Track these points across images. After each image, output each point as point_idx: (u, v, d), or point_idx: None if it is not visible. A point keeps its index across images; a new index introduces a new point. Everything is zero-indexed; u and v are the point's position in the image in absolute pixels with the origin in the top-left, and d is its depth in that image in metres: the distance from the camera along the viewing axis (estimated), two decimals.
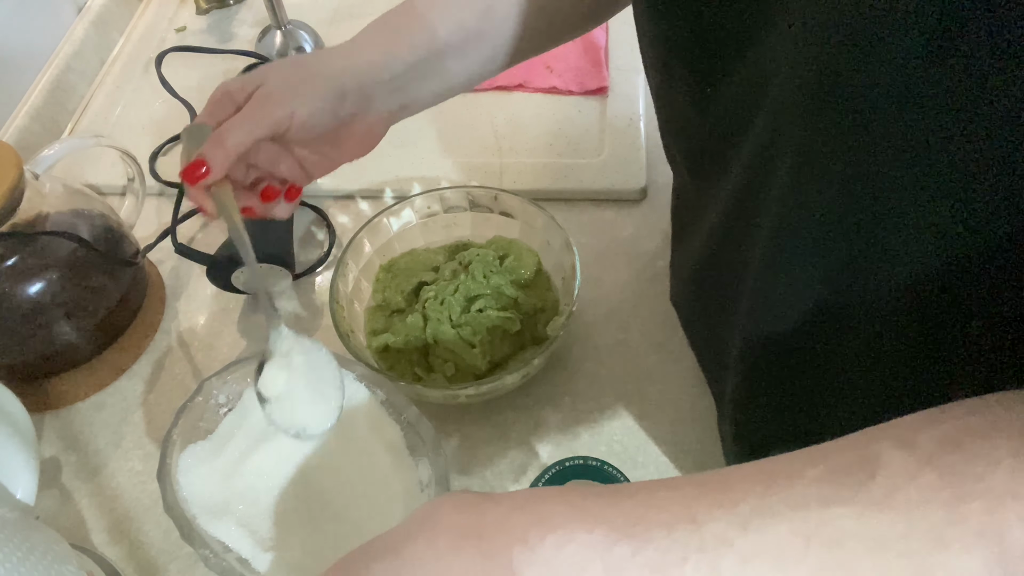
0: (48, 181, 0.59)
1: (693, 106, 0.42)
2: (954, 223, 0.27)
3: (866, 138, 0.28)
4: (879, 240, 0.30)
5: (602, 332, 0.61)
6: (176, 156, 0.78)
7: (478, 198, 0.62)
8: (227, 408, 0.50)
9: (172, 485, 0.46)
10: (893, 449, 0.26)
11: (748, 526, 0.26)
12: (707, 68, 0.39)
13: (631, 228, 0.67)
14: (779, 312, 0.37)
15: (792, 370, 0.40)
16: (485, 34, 0.50)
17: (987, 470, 0.24)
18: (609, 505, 0.28)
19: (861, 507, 0.25)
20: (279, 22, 0.83)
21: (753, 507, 0.26)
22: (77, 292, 0.59)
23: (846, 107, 0.28)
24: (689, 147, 0.47)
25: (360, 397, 0.50)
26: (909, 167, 0.27)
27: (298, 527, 0.47)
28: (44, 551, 0.40)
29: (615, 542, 0.27)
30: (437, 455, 0.47)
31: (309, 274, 0.67)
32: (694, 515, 0.27)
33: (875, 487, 0.25)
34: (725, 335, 0.45)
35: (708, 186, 0.44)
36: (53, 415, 0.61)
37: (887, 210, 0.29)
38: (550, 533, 0.27)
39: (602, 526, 0.27)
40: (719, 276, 0.45)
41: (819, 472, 0.26)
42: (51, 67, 0.84)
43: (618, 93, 0.77)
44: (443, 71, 0.50)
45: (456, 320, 0.56)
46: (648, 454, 0.54)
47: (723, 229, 0.42)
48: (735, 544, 0.26)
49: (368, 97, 0.49)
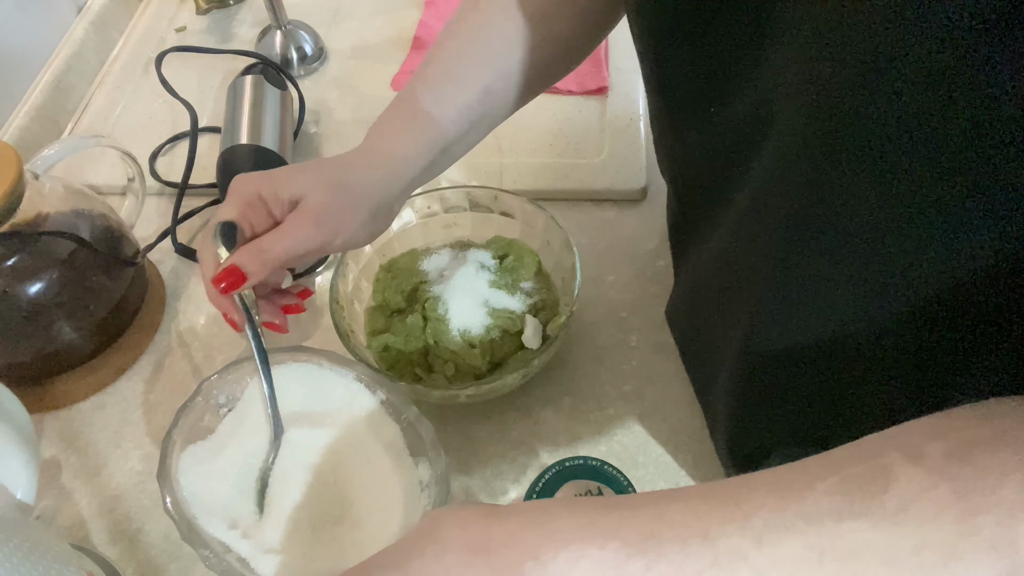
0: (48, 181, 0.59)
1: (691, 132, 0.42)
2: (967, 244, 0.27)
3: (874, 164, 0.28)
4: (886, 264, 0.30)
5: (602, 332, 0.61)
6: (175, 156, 0.78)
7: (478, 198, 0.62)
8: (227, 408, 0.50)
9: (172, 485, 0.46)
10: (904, 461, 0.26)
11: (762, 540, 0.26)
12: (707, 94, 0.38)
13: (631, 228, 0.67)
14: (781, 330, 0.37)
15: (790, 385, 0.39)
16: (487, 115, 0.51)
17: (998, 483, 0.24)
18: (620, 520, 0.28)
19: (874, 521, 0.25)
20: (279, 22, 0.83)
21: (766, 521, 0.26)
22: (77, 292, 0.58)
23: (853, 132, 0.28)
24: (684, 174, 0.47)
25: (360, 397, 0.50)
26: (920, 188, 0.27)
27: (298, 527, 0.47)
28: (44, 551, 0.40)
29: (628, 557, 0.27)
30: (437, 455, 0.47)
31: (309, 274, 0.67)
32: (707, 530, 0.27)
33: (888, 501, 0.25)
34: (719, 352, 0.45)
35: (704, 212, 0.44)
36: (53, 415, 0.61)
37: (896, 233, 0.29)
38: (563, 549, 0.27)
39: (614, 541, 0.27)
40: (716, 296, 0.45)
41: (831, 484, 0.26)
42: (51, 67, 0.84)
43: (618, 93, 0.77)
44: (449, 158, 0.52)
45: None
46: (648, 454, 0.54)
47: (722, 254, 0.42)
48: (749, 558, 0.26)
49: (392, 209, 0.51)
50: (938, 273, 0.28)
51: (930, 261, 0.28)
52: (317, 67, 0.85)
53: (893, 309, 0.31)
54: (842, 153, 0.29)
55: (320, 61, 0.86)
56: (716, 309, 0.46)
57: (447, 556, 0.28)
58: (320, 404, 0.50)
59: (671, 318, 0.58)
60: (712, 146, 0.40)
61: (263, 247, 0.45)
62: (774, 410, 0.42)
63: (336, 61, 0.86)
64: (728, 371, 0.44)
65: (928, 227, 0.28)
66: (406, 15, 0.90)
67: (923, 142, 0.26)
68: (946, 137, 0.25)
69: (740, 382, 0.43)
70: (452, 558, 0.28)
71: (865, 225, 0.29)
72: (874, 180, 0.28)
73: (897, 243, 0.29)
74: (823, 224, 0.31)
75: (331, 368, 0.50)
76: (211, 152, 0.74)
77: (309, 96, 0.80)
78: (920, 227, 0.28)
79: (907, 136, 0.26)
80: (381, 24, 0.90)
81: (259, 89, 0.73)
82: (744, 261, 0.39)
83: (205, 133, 0.78)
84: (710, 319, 0.48)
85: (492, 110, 0.51)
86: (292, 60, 0.84)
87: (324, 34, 0.87)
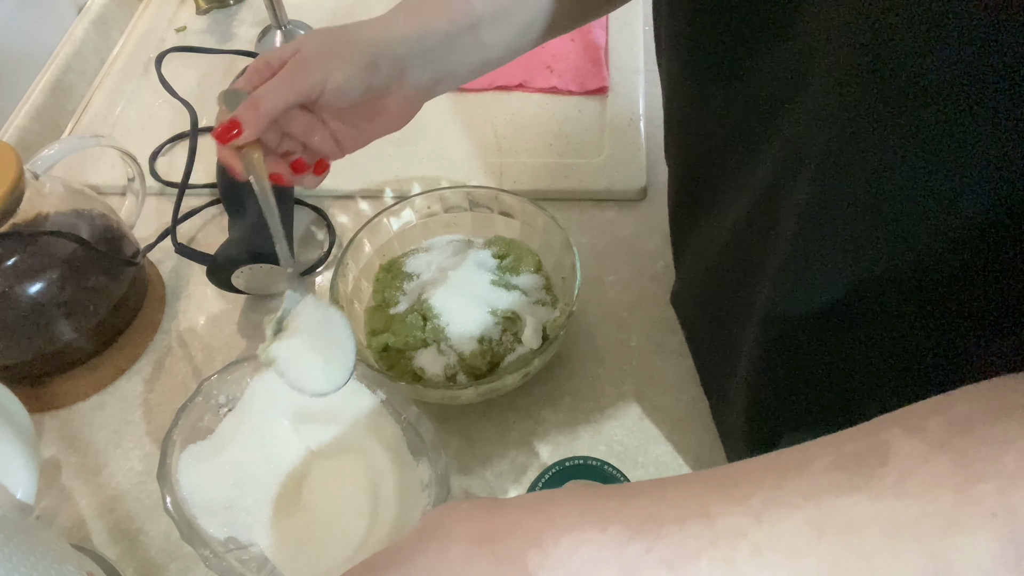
0: (48, 181, 0.59)
1: (716, 101, 0.41)
2: (994, 210, 0.27)
3: (912, 123, 0.27)
4: (913, 230, 0.30)
5: (602, 332, 0.61)
6: (175, 156, 0.78)
7: (478, 198, 0.62)
8: (227, 408, 0.50)
9: (172, 485, 0.46)
10: (903, 435, 0.26)
11: (761, 517, 0.26)
12: (741, 49, 0.37)
13: (631, 228, 0.67)
14: (803, 304, 0.37)
15: (814, 359, 0.39)
16: (520, 9, 0.50)
17: (998, 452, 0.24)
18: (621, 504, 0.28)
19: (874, 494, 0.25)
20: (279, 22, 0.83)
21: (765, 499, 0.26)
22: (77, 292, 0.58)
23: (895, 88, 0.27)
24: (699, 152, 0.46)
25: (360, 397, 0.50)
26: (951, 151, 0.27)
27: (298, 527, 0.47)
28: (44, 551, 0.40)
29: (629, 540, 0.27)
30: (437, 455, 0.47)
31: (309, 274, 0.67)
32: (706, 509, 0.27)
33: (887, 473, 0.25)
34: (735, 332, 0.44)
35: (720, 189, 0.44)
36: (53, 415, 0.61)
37: (923, 197, 0.29)
38: (564, 535, 0.27)
39: (615, 525, 0.27)
40: (731, 273, 0.45)
41: (829, 461, 0.26)
42: (51, 67, 0.84)
43: (618, 93, 0.77)
44: (478, 44, 0.50)
45: None
46: (648, 454, 0.54)
47: (741, 226, 0.41)
48: (749, 535, 0.26)
49: (402, 69, 0.49)
50: (976, 227, 0.28)
51: (966, 215, 0.28)
52: None
53: (921, 267, 0.30)
54: (889, 103, 0.28)
55: None
56: (730, 290, 0.45)
57: (451, 549, 0.28)
58: (320, 404, 0.50)
59: (677, 304, 0.57)
60: (738, 112, 0.39)
61: (255, 96, 0.46)
62: (798, 389, 0.41)
63: None
64: (744, 352, 0.43)
65: (970, 177, 0.27)
66: None
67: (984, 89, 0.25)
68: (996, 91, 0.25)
69: (759, 361, 0.42)
70: (456, 550, 0.28)
71: (900, 177, 0.29)
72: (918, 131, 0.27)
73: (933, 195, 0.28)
74: (854, 180, 0.31)
75: None
76: (211, 152, 0.74)
77: None
78: (960, 177, 0.27)
79: (967, 83, 0.25)
80: None
81: None
82: (765, 234, 0.38)
83: (205, 133, 0.78)
84: (722, 301, 0.47)
85: (526, 5, 0.50)
86: None
87: None
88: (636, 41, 0.82)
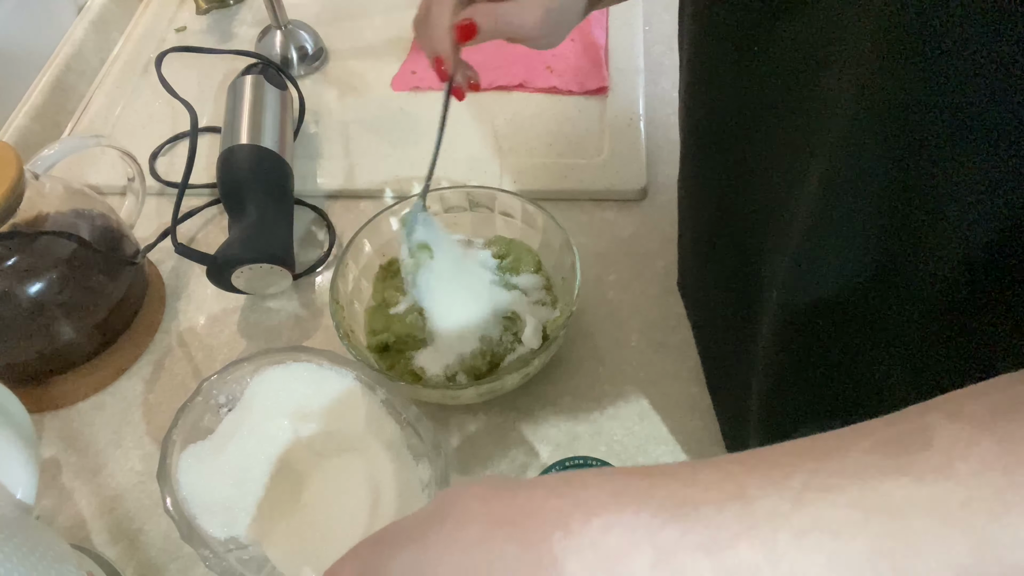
0: (48, 181, 0.59)
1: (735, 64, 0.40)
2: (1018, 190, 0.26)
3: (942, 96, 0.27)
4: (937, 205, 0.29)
5: (602, 332, 0.61)
6: (175, 156, 0.78)
7: (478, 198, 0.62)
8: (227, 408, 0.50)
9: (172, 485, 0.46)
10: (945, 420, 0.25)
11: (802, 500, 0.25)
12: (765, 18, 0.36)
13: (631, 228, 0.67)
14: (823, 281, 0.36)
15: (835, 338, 0.38)
16: None
17: None
18: (652, 486, 0.27)
19: (919, 476, 0.24)
20: (279, 22, 0.83)
21: (804, 481, 0.25)
22: (77, 292, 0.59)
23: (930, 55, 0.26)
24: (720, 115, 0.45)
25: (360, 397, 0.50)
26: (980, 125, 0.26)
27: (298, 527, 0.47)
28: (44, 551, 0.40)
29: (664, 523, 0.25)
30: (437, 455, 0.47)
31: (309, 274, 0.67)
32: (743, 491, 0.25)
33: (932, 456, 0.24)
34: (749, 312, 0.43)
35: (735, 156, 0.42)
36: (53, 415, 0.61)
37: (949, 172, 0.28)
38: (594, 517, 0.26)
39: (648, 507, 0.26)
40: (745, 253, 0.44)
41: (871, 444, 0.25)
42: (51, 67, 0.84)
43: (618, 93, 0.77)
44: None
45: None
46: (648, 454, 0.54)
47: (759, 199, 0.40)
48: (790, 519, 0.24)
49: None
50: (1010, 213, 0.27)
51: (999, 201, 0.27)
52: (317, 67, 0.85)
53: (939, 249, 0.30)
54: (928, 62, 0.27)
55: (320, 61, 0.86)
56: (744, 270, 0.44)
57: (468, 529, 0.27)
58: (320, 404, 0.50)
59: (684, 290, 0.57)
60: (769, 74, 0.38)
61: (499, 12, 0.49)
62: (818, 371, 0.40)
63: (336, 61, 0.86)
64: (762, 334, 0.42)
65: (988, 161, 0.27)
66: (406, 15, 0.89)
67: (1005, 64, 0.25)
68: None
69: (778, 341, 0.41)
70: (474, 531, 0.27)
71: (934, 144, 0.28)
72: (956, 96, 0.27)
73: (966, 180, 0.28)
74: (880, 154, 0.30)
75: (331, 368, 0.50)
76: (211, 152, 0.74)
77: (309, 96, 0.80)
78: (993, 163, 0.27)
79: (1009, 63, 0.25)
80: (381, 24, 0.90)
81: (259, 89, 0.73)
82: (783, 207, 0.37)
83: (205, 133, 0.78)
84: (735, 284, 0.46)
85: None
86: (292, 60, 0.84)
87: (324, 34, 0.87)
88: (636, 41, 0.82)
